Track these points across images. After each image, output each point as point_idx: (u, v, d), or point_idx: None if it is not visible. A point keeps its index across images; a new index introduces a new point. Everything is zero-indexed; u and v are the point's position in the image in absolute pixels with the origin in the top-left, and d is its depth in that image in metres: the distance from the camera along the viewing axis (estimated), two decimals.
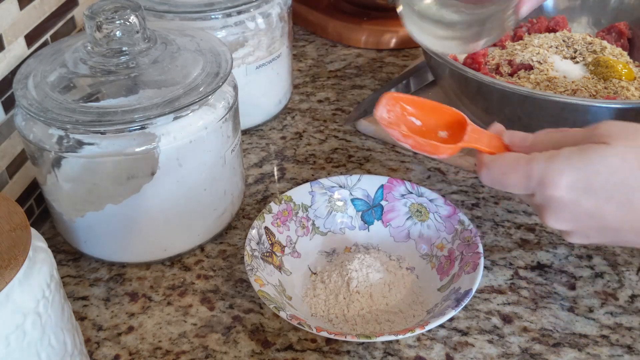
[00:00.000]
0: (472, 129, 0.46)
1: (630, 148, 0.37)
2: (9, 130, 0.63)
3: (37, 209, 0.68)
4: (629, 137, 0.38)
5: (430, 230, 0.63)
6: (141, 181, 0.58)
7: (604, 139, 0.39)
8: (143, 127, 0.55)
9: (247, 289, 0.61)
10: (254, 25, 0.74)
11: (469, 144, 0.46)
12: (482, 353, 0.55)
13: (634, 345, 0.55)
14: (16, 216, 0.41)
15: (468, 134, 0.46)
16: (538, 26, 0.84)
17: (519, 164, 0.41)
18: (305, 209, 0.65)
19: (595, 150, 0.38)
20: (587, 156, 0.38)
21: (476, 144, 0.45)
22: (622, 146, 0.38)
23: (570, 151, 0.39)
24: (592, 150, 0.38)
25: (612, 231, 0.40)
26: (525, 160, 0.41)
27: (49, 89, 0.57)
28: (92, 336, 0.57)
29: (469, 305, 0.59)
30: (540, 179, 0.40)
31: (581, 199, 0.39)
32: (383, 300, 0.58)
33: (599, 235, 0.41)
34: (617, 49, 0.79)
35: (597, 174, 0.38)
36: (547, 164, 0.40)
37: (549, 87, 0.72)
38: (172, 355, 0.55)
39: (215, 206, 0.64)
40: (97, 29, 0.58)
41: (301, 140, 0.81)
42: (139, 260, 0.64)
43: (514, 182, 0.42)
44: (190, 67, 0.60)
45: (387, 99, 0.48)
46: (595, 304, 0.59)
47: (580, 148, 0.39)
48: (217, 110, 0.60)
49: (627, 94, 0.70)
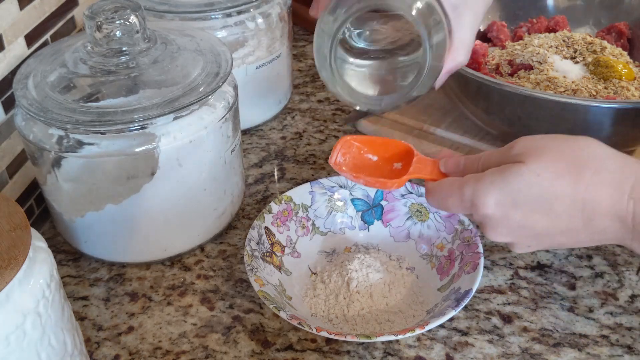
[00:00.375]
0: (418, 160, 0.50)
1: (542, 163, 0.42)
2: (9, 130, 0.63)
3: (37, 209, 0.68)
4: (538, 154, 0.43)
5: (430, 230, 0.63)
6: (141, 181, 0.58)
7: (519, 157, 0.43)
8: (143, 127, 0.55)
9: (247, 289, 0.61)
10: (254, 25, 0.74)
11: (413, 174, 0.50)
12: (482, 353, 0.55)
13: (634, 345, 0.55)
14: (16, 216, 0.41)
15: (413, 165, 0.50)
16: (538, 26, 0.84)
17: (453, 188, 0.46)
18: (305, 209, 0.65)
19: (512, 171, 0.43)
20: (506, 176, 0.43)
21: (420, 173, 0.50)
22: (534, 163, 0.43)
23: (492, 173, 0.44)
24: (510, 170, 0.43)
25: (545, 237, 0.44)
26: (458, 184, 0.45)
27: (49, 89, 0.57)
28: (92, 336, 0.57)
29: (469, 305, 0.59)
30: (472, 200, 0.44)
31: (510, 214, 0.43)
32: (383, 300, 0.58)
33: (536, 243, 0.45)
34: (617, 49, 0.79)
35: (518, 191, 0.43)
36: (475, 187, 0.44)
37: (549, 87, 0.72)
38: (172, 355, 0.55)
39: (215, 206, 0.64)
40: (97, 29, 0.58)
41: (301, 140, 0.81)
42: (139, 260, 0.64)
43: (453, 205, 0.46)
44: (190, 67, 0.60)
45: (342, 144, 0.52)
46: (595, 304, 0.59)
47: (501, 169, 0.44)
48: (217, 110, 0.60)
49: (627, 94, 0.70)
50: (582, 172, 0.42)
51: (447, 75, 0.54)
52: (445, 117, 0.79)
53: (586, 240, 0.44)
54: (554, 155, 0.43)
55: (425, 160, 0.50)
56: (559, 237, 0.44)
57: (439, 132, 0.78)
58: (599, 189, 0.42)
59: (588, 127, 0.65)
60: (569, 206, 0.42)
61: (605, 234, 0.43)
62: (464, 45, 0.53)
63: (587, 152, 0.43)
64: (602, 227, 0.42)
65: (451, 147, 0.75)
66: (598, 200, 0.42)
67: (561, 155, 0.43)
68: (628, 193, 0.41)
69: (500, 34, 0.83)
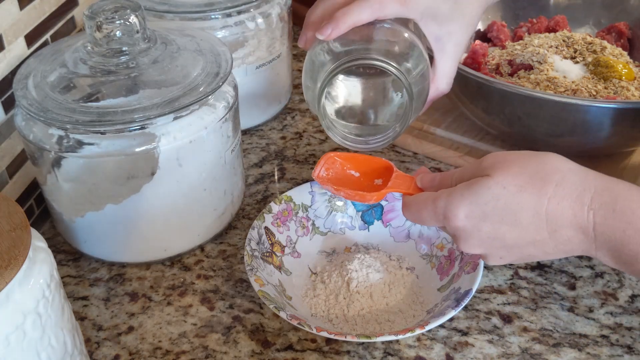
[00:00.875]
0: (396, 176, 0.53)
1: (508, 176, 0.44)
2: (9, 130, 0.63)
3: (37, 209, 0.68)
4: (504, 167, 0.45)
5: (430, 230, 0.63)
6: (141, 181, 0.58)
7: (487, 171, 0.45)
8: (143, 127, 0.55)
9: (247, 289, 0.61)
10: (254, 25, 0.74)
11: (391, 189, 0.52)
12: (482, 353, 0.55)
13: (634, 345, 0.55)
14: (16, 216, 0.41)
15: (392, 180, 0.52)
16: (538, 26, 0.84)
17: (427, 202, 0.48)
18: (305, 209, 0.65)
19: (480, 184, 0.45)
20: (475, 189, 0.45)
21: (398, 188, 0.52)
22: (500, 176, 0.44)
23: (462, 187, 0.46)
24: (478, 183, 0.45)
25: (515, 248, 0.46)
26: (431, 199, 0.47)
27: (49, 89, 0.57)
28: (92, 336, 0.57)
29: (469, 305, 0.59)
30: (444, 213, 0.46)
31: (480, 225, 0.45)
32: (383, 300, 0.58)
33: (508, 254, 0.47)
34: (617, 49, 0.79)
35: (486, 203, 0.44)
36: (447, 200, 0.46)
37: (549, 87, 0.72)
38: (172, 355, 0.55)
39: (215, 206, 0.64)
40: (97, 29, 0.58)
41: (301, 140, 0.81)
42: (139, 260, 0.64)
43: (427, 218, 0.48)
44: (190, 67, 0.60)
45: (326, 160, 0.55)
46: (595, 304, 0.59)
47: (470, 183, 0.45)
48: (217, 110, 0.60)
49: (627, 94, 0.70)
50: (545, 185, 0.44)
51: (430, 104, 0.56)
52: (445, 117, 0.79)
53: (554, 251, 0.45)
54: (520, 169, 0.45)
55: (404, 177, 0.53)
56: (528, 248, 0.45)
57: (439, 132, 0.78)
58: (561, 201, 0.43)
59: (588, 127, 0.65)
60: (533, 217, 0.44)
61: (571, 245, 0.44)
62: (446, 75, 0.56)
63: (550, 166, 0.45)
64: (567, 237, 0.44)
65: (451, 147, 0.75)
66: (560, 211, 0.43)
67: (526, 168, 0.44)
68: (588, 204, 0.43)
69: (500, 34, 0.83)
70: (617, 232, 0.42)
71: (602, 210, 0.43)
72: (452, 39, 0.54)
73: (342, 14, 0.50)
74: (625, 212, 0.42)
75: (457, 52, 0.55)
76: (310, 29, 0.54)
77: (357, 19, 0.50)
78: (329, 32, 0.50)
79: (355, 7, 0.50)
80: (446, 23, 0.53)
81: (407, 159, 0.77)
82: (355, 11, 0.50)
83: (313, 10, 0.54)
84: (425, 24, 0.53)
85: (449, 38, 0.54)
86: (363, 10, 0.50)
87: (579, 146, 0.69)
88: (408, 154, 0.78)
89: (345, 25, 0.50)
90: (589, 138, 0.67)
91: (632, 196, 0.42)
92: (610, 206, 0.42)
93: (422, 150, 0.77)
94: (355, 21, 0.50)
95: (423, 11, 0.52)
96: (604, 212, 0.42)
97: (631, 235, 0.42)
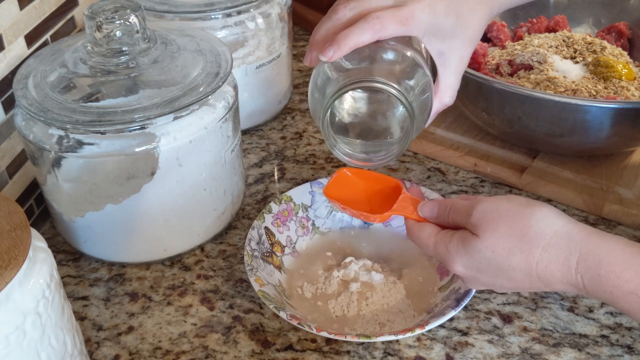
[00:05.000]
0: (402, 198, 0.54)
1: (495, 239, 0.46)
2: (9, 130, 0.63)
3: (37, 209, 0.68)
4: (492, 227, 0.47)
5: None
6: (141, 181, 0.58)
7: (476, 229, 0.47)
8: (143, 127, 0.55)
9: (247, 289, 0.61)
10: (254, 25, 0.74)
11: (395, 212, 0.53)
12: (482, 353, 0.55)
13: (634, 345, 0.55)
14: (16, 216, 0.41)
15: (398, 203, 0.54)
16: (538, 26, 0.84)
17: (429, 244, 0.51)
18: (305, 209, 0.65)
19: (472, 246, 0.47)
20: (467, 250, 0.47)
21: (402, 211, 0.53)
22: (488, 239, 0.46)
23: (457, 243, 0.48)
24: (470, 245, 0.47)
25: (516, 289, 0.49)
26: (432, 242, 0.51)
27: (49, 89, 0.57)
28: (92, 336, 0.57)
29: (469, 305, 0.59)
30: (443, 260, 0.50)
31: (477, 276, 0.48)
32: (383, 300, 0.58)
33: (511, 291, 0.52)
34: (617, 49, 0.79)
35: (479, 262, 0.47)
36: (445, 251, 0.49)
37: (549, 87, 0.72)
38: (172, 355, 0.55)
39: (215, 206, 0.64)
40: (97, 29, 0.58)
41: (301, 140, 0.81)
42: (139, 260, 0.64)
43: (428, 252, 0.51)
44: (190, 67, 0.60)
45: (338, 175, 0.57)
46: (595, 304, 0.59)
47: (463, 241, 0.48)
48: (217, 110, 0.60)
49: (627, 94, 0.70)
50: (532, 250, 0.45)
51: (435, 116, 0.56)
52: (445, 117, 0.79)
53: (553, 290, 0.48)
54: (507, 229, 0.46)
55: (409, 199, 0.54)
56: (529, 288, 0.48)
57: (439, 132, 0.78)
58: (548, 264, 0.45)
59: (588, 127, 0.65)
60: (525, 276, 0.46)
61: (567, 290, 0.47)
62: (450, 88, 0.56)
63: (535, 228, 0.46)
64: (561, 289, 0.46)
65: (451, 147, 0.75)
66: (550, 273, 0.45)
67: (514, 230, 0.46)
68: (574, 268, 0.44)
69: (500, 34, 0.83)
70: (605, 293, 0.44)
71: (588, 274, 0.44)
72: (455, 53, 0.54)
73: (343, 36, 0.50)
74: (609, 276, 0.43)
75: (460, 66, 0.55)
76: (314, 48, 0.54)
77: (358, 40, 0.50)
78: (331, 54, 0.50)
79: (357, 29, 0.50)
80: (449, 39, 0.53)
81: (407, 159, 0.77)
82: (356, 33, 0.50)
83: (317, 30, 0.55)
84: (428, 40, 0.53)
85: (452, 53, 0.54)
86: (364, 33, 0.50)
87: (579, 146, 0.69)
88: (408, 154, 0.78)
89: (347, 47, 0.50)
90: (589, 138, 0.67)
91: (614, 259, 0.43)
92: (595, 271, 0.44)
93: (422, 150, 0.77)
94: (356, 43, 0.50)
95: (425, 29, 0.52)
96: (590, 275, 0.44)
97: (619, 296, 0.43)
